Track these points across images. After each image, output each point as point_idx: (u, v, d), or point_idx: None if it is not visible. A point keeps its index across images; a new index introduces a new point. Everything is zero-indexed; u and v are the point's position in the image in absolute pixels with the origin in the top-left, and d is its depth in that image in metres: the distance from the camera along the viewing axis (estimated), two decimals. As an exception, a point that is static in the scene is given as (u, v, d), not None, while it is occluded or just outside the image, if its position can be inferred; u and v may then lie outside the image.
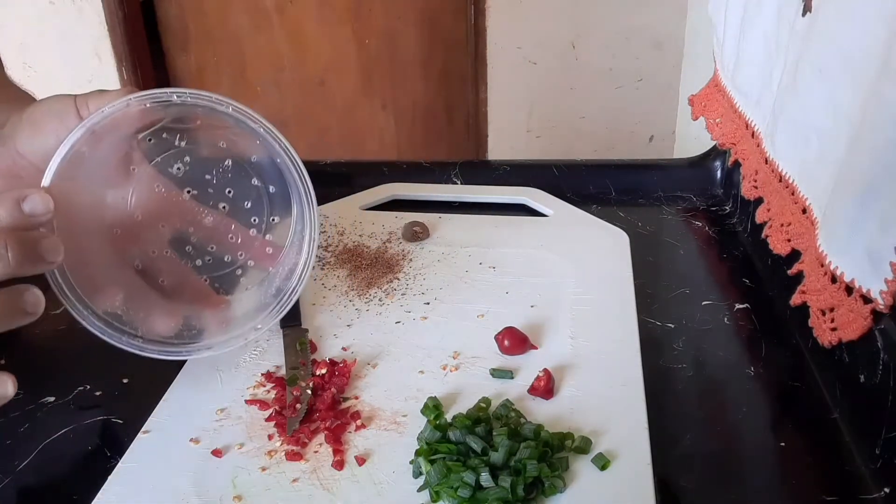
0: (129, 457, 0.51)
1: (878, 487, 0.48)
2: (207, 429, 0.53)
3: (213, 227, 0.57)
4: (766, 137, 0.72)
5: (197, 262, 0.58)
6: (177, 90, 0.50)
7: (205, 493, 0.48)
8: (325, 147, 1.97)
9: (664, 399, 0.55)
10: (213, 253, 0.58)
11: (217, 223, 0.57)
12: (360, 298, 0.67)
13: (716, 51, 0.87)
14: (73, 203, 0.51)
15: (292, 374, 0.57)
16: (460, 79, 1.88)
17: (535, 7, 1.69)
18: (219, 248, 0.58)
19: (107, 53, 1.72)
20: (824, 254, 0.55)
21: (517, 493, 0.45)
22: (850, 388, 0.53)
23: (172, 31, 1.85)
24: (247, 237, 0.58)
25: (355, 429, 0.53)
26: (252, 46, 1.85)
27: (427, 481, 0.47)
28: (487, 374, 0.57)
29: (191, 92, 0.50)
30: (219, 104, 0.51)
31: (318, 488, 0.48)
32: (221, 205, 0.57)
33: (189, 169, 0.57)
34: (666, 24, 1.70)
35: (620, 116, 1.82)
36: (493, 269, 0.71)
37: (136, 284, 0.56)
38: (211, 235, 0.58)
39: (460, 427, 0.50)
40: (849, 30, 0.54)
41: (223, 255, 0.58)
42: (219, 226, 0.57)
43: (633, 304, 0.65)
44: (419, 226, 0.76)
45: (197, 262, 0.58)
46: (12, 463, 0.52)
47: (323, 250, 0.74)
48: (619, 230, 0.76)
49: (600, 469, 0.48)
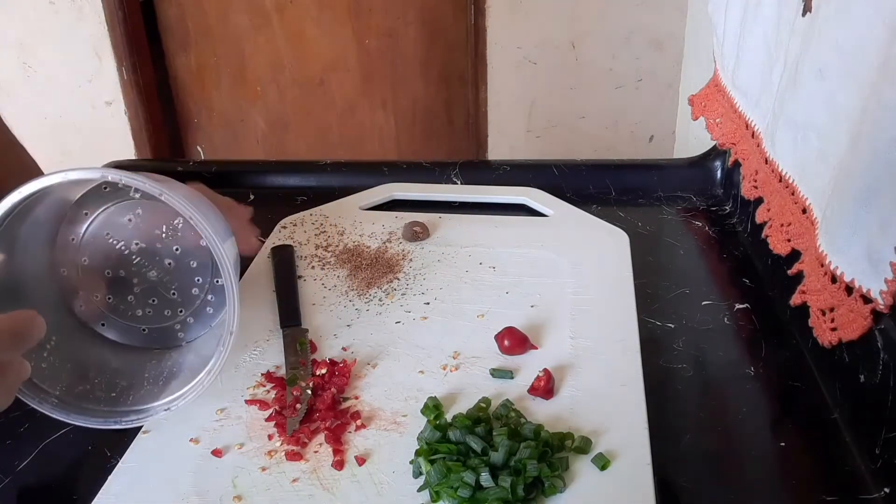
0: (129, 457, 0.51)
1: (878, 487, 0.48)
2: (207, 429, 0.53)
3: (157, 282, 0.59)
4: (766, 137, 0.72)
5: (137, 313, 0.59)
6: (111, 172, 0.47)
7: (205, 493, 0.48)
8: (325, 147, 1.97)
9: (664, 399, 0.55)
10: (154, 306, 0.60)
11: (160, 278, 0.59)
12: (360, 298, 0.67)
13: (716, 51, 0.87)
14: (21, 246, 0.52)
15: (292, 374, 0.57)
16: (460, 79, 1.88)
17: (535, 7, 1.69)
18: (160, 302, 0.60)
19: (107, 53, 1.72)
20: (824, 254, 0.55)
21: (517, 493, 0.45)
22: (850, 388, 0.53)
23: (172, 31, 1.85)
24: (188, 296, 0.60)
25: (355, 429, 0.53)
26: (252, 46, 1.85)
27: (427, 481, 0.47)
28: (487, 374, 0.57)
29: (126, 176, 0.48)
30: (152, 189, 0.48)
31: (318, 488, 0.48)
32: (168, 261, 0.59)
33: (140, 221, 0.58)
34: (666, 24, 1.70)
35: (620, 116, 1.82)
36: (493, 269, 0.71)
37: (70, 327, 0.57)
38: (154, 289, 0.59)
39: (460, 427, 0.50)
40: (849, 30, 0.54)
41: (163, 310, 0.60)
42: (162, 280, 0.59)
43: (633, 303, 0.65)
44: (419, 226, 0.76)
45: (137, 313, 0.59)
46: (12, 463, 0.52)
47: (323, 250, 0.74)
48: (619, 230, 0.76)
49: (600, 469, 0.48)
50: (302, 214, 0.80)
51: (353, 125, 1.95)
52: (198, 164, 0.94)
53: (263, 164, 0.94)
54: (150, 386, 0.56)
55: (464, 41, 1.81)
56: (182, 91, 1.91)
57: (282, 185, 0.90)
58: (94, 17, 1.69)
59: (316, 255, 0.73)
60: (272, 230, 0.78)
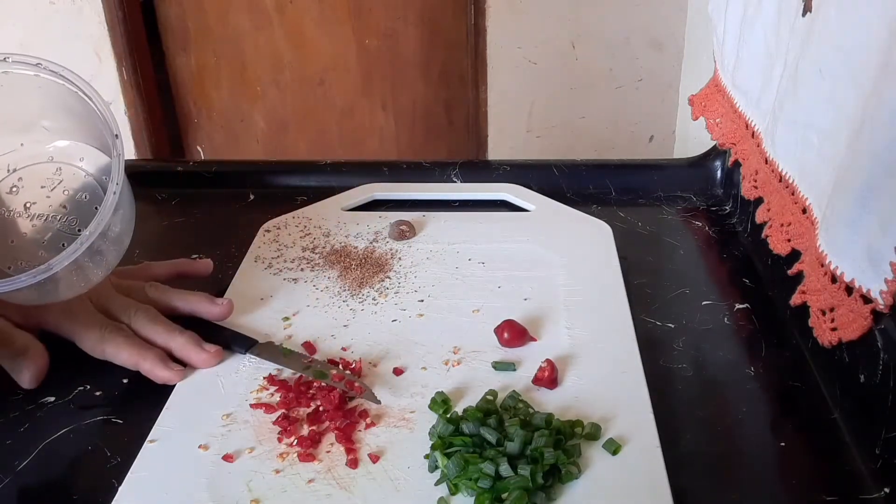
0: (139, 466, 0.50)
1: (878, 487, 0.48)
2: (215, 434, 0.53)
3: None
4: (766, 137, 0.72)
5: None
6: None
7: (221, 499, 0.48)
8: (325, 147, 1.97)
9: (664, 399, 0.55)
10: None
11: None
12: (353, 298, 0.67)
13: (716, 51, 0.87)
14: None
15: (316, 369, 0.57)
16: (460, 79, 1.88)
17: (535, 7, 1.69)
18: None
19: (107, 53, 1.72)
20: (824, 254, 0.55)
21: (536, 481, 0.46)
22: (850, 388, 0.53)
23: (172, 31, 1.85)
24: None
25: (365, 427, 0.53)
26: (252, 46, 1.85)
27: (444, 474, 0.47)
28: (489, 368, 0.58)
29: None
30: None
31: (335, 487, 0.48)
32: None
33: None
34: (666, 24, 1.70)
35: (620, 116, 1.82)
36: (482, 264, 0.71)
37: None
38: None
39: (472, 419, 0.50)
40: (849, 30, 0.54)
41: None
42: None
43: (624, 292, 0.66)
44: (406, 224, 0.76)
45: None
46: (12, 463, 0.52)
47: (311, 252, 0.74)
48: (602, 222, 0.77)
49: (612, 454, 0.49)
50: (284, 217, 0.80)
51: (353, 125, 1.95)
52: (198, 164, 0.94)
53: (263, 164, 0.94)
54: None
55: (464, 41, 1.81)
56: (182, 91, 1.91)
57: (282, 185, 0.90)
58: (94, 17, 1.69)
59: (304, 258, 0.73)
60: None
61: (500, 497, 0.46)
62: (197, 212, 0.85)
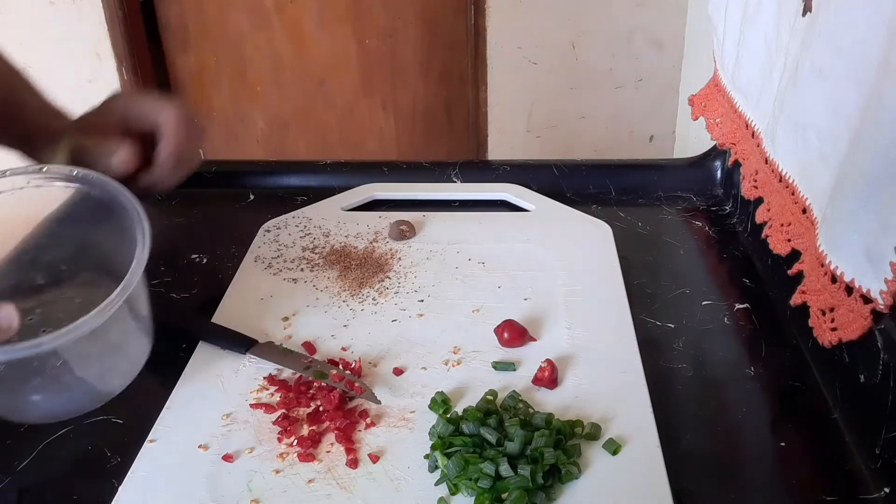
0: (139, 466, 0.50)
1: (878, 487, 0.48)
2: (215, 434, 0.53)
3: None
4: (766, 137, 0.72)
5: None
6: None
7: (221, 499, 0.48)
8: (325, 147, 1.97)
9: (664, 399, 0.55)
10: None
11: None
12: (353, 298, 0.67)
13: (716, 51, 0.87)
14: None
15: (316, 369, 0.57)
16: (460, 79, 1.88)
17: (535, 7, 1.69)
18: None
19: (107, 53, 1.72)
20: (824, 254, 0.55)
21: (537, 481, 0.46)
22: (850, 388, 0.53)
23: (172, 31, 1.85)
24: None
25: (365, 427, 0.53)
26: (252, 46, 1.85)
27: (445, 474, 0.48)
28: (489, 368, 0.58)
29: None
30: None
31: (335, 487, 0.48)
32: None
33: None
34: (666, 24, 1.70)
35: (620, 116, 1.82)
36: (482, 264, 0.71)
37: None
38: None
39: (472, 419, 0.50)
40: (849, 30, 0.54)
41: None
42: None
43: (624, 292, 0.66)
44: (406, 224, 0.76)
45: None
46: (12, 463, 0.52)
47: (310, 252, 0.74)
48: (602, 222, 0.77)
49: (612, 454, 0.49)
50: (284, 217, 0.80)
51: (353, 125, 1.95)
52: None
53: (263, 164, 0.94)
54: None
55: (464, 41, 1.81)
56: (182, 91, 1.91)
57: (282, 185, 0.90)
58: (94, 17, 1.69)
59: (304, 258, 0.73)
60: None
61: (500, 497, 0.46)
62: (197, 212, 0.85)
